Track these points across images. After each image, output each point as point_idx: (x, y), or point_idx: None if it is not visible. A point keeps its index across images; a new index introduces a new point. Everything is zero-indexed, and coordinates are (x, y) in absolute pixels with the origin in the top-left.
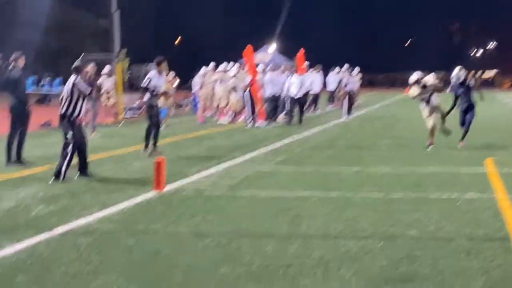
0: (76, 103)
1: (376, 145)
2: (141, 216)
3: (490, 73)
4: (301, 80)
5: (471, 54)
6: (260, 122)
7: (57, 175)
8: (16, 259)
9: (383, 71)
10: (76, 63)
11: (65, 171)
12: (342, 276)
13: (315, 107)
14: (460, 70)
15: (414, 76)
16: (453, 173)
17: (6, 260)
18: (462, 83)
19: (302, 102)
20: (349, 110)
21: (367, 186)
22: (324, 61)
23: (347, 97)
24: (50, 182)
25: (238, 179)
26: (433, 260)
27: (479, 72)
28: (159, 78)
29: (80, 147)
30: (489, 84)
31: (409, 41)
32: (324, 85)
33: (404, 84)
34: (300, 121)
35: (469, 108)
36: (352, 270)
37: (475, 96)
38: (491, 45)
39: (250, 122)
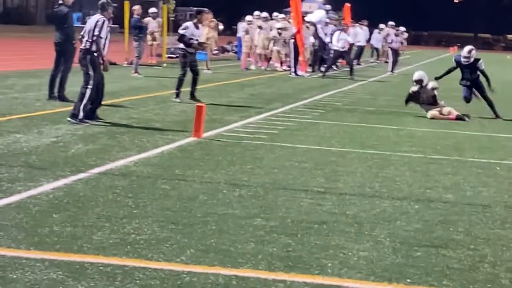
0: (92, 40)
1: (417, 105)
2: (179, 161)
3: None
4: (347, 34)
5: None
6: (304, 72)
7: (75, 115)
8: (52, 197)
9: (429, 29)
10: (104, 0)
11: (84, 110)
12: (375, 237)
13: (358, 60)
14: (469, 52)
15: (416, 76)
16: (492, 137)
17: (43, 196)
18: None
19: (346, 55)
20: (393, 67)
21: (406, 146)
22: (369, 16)
23: (391, 54)
24: (69, 120)
25: (278, 129)
26: (468, 226)
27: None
28: (195, 29)
29: (97, 88)
30: None
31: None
32: (369, 40)
33: (450, 43)
34: (351, 73)
35: (473, 86)
36: (385, 232)
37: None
38: None
39: (293, 71)
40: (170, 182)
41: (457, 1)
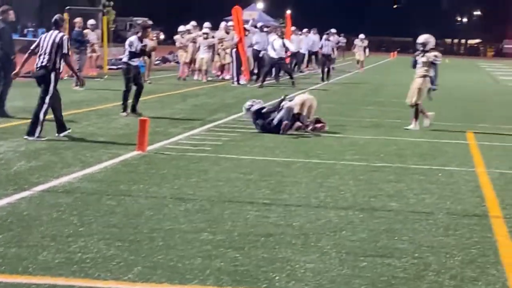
0: (56, 57)
1: (359, 111)
2: (123, 176)
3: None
4: (285, 42)
5: (457, 22)
6: (245, 81)
7: (31, 131)
8: None
9: (368, 34)
10: (57, 17)
11: (41, 126)
12: (322, 248)
13: (299, 68)
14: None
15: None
16: (433, 143)
17: None
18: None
19: (283, 64)
20: (327, 74)
21: (350, 154)
22: (311, 24)
23: (321, 61)
24: (25, 138)
25: (222, 140)
26: (412, 234)
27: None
28: (139, 42)
29: (54, 104)
30: (474, 52)
31: (395, 6)
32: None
33: (390, 48)
34: (292, 82)
35: None
36: (331, 242)
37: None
38: (476, 14)
39: (236, 80)
40: (115, 198)
41: (395, 6)
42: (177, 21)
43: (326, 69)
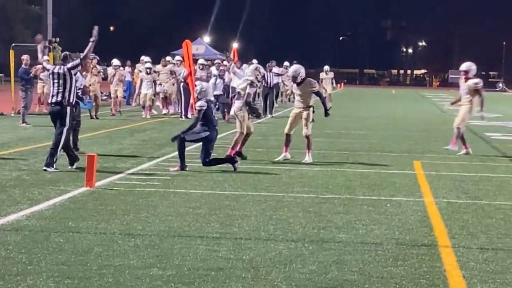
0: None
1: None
2: (72, 213)
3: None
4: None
5: (403, 53)
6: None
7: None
8: None
9: (315, 67)
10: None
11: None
12: (272, 281)
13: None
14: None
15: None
16: (381, 174)
17: None
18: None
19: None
20: (270, 107)
21: (298, 186)
22: (257, 57)
23: (264, 93)
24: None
25: (171, 175)
26: (362, 265)
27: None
28: (81, 76)
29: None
30: (420, 82)
31: (341, 37)
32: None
33: (337, 79)
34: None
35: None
36: (282, 275)
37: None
38: (421, 44)
39: (184, 114)
40: (64, 235)
41: (341, 38)
42: (126, 56)
43: (269, 102)
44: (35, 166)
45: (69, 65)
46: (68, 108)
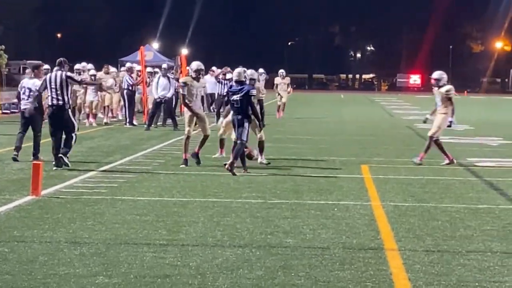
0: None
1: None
2: (17, 222)
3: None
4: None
5: (351, 58)
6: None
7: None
8: None
9: (265, 72)
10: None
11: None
12: (219, 287)
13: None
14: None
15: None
16: (330, 179)
17: None
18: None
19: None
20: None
21: (247, 191)
22: (206, 63)
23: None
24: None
25: (118, 182)
26: (309, 270)
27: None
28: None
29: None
30: (368, 87)
31: (290, 43)
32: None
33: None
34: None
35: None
36: (228, 281)
37: None
38: (370, 49)
39: (128, 121)
40: (8, 244)
41: (290, 43)
42: (72, 63)
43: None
44: None
45: (69, 74)
46: (69, 111)
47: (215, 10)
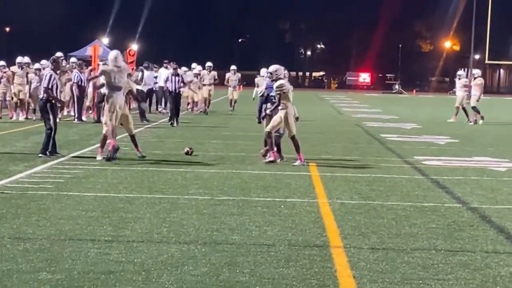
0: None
1: (204, 145)
2: None
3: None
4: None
5: (301, 55)
6: (86, 117)
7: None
8: None
9: (216, 69)
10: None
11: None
12: (163, 284)
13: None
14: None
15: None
16: (277, 175)
17: None
18: None
19: None
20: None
21: (194, 188)
22: (155, 59)
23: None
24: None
25: (64, 178)
26: (254, 267)
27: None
28: None
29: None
30: (318, 84)
31: (240, 39)
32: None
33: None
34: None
35: None
36: (173, 278)
37: None
38: (320, 47)
39: (77, 117)
40: None
41: (240, 40)
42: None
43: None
44: None
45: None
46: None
47: (167, 5)
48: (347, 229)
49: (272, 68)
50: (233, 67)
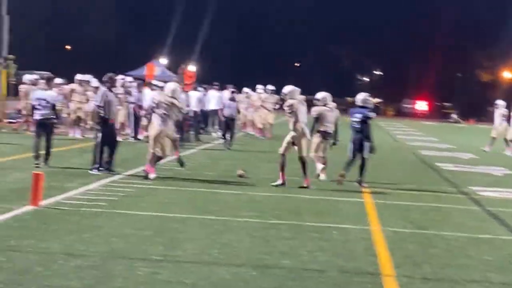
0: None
1: (257, 168)
2: (14, 232)
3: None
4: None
5: (359, 81)
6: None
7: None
8: None
9: (273, 93)
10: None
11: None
12: None
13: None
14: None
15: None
16: (330, 201)
17: None
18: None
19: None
20: (230, 137)
21: (246, 211)
22: (212, 80)
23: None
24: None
25: (118, 196)
26: None
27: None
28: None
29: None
30: (375, 111)
31: (297, 64)
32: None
33: None
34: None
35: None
36: None
37: None
38: (376, 74)
39: (132, 136)
40: (4, 253)
41: (297, 64)
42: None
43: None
44: None
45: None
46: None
47: (223, 30)
48: (399, 257)
49: (287, 89)
50: (270, 86)
